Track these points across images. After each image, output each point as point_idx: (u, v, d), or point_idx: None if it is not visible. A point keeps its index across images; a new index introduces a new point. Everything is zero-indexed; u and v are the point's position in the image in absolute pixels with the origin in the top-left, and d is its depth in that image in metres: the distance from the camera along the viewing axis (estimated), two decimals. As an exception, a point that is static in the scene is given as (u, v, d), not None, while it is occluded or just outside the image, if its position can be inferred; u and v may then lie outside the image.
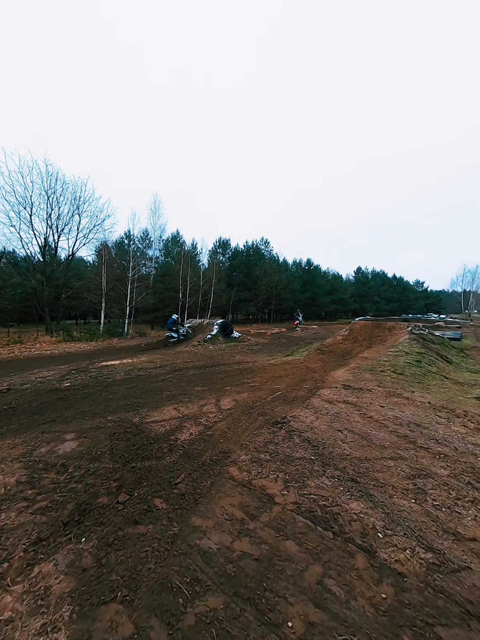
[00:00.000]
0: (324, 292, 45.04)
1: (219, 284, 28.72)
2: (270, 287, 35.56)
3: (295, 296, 40.08)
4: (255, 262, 36.72)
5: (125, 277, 18.75)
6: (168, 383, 5.59)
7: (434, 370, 6.03)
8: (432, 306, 65.48)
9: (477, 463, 2.44)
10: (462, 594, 1.26)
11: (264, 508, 1.89)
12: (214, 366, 7.59)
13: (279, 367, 7.31)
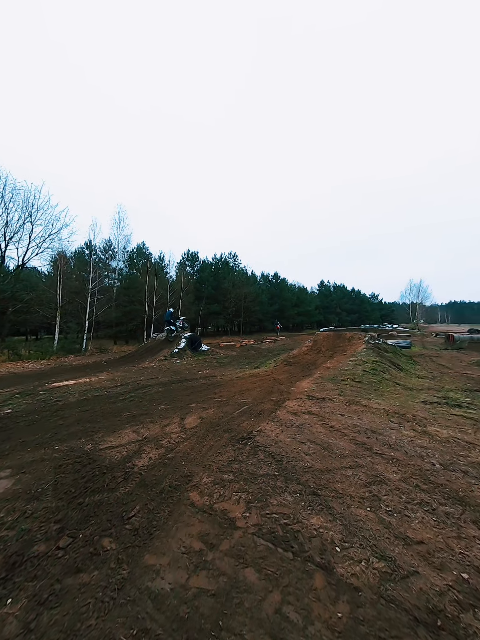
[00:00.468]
0: (291, 304, 46.90)
1: (187, 297, 28.37)
2: (239, 299, 36.05)
3: (264, 308, 41.09)
4: (224, 275, 37.13)
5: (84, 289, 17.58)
6: (129, 403, 5.23)
7: (387, 378, 6.50)
8: (386, 317, 71.78)
9: (423, 465, 2.63)
10: (410, 601, 1.30)
11: (225, 535, 1.80)
12: (180, 382, 7.32)
13: (246, 380, 7.30)
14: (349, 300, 64.01)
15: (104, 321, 21.85)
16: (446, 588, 1.37)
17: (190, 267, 37.55)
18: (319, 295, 61.37)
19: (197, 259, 38.31)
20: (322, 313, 56.80)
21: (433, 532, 1.77)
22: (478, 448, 3.00)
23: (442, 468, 2.59)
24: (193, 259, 37.84)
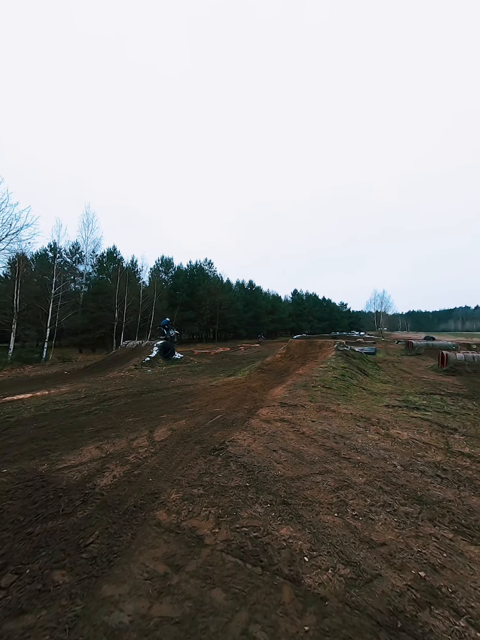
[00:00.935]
0: (266, 311, 47.76)
1: (161, 303, 27.64)
2: (214, 306, 35.91)
3: (239, 316, 41.34)
4: (199, 282, 36.85)
5: (47, 294, 16.34)
6: (93, 416, 4.88)
7: (355, 383, 6.83)
8: (354, 324, 76.05)
9: (386, 467, 2.77)
10: (373, 605, 1.33)
11: (192, 554, 1.71)
12: (150, 392, 7.02)
13: (220, 389, 7.21)
14: (320, 309, 66.86)
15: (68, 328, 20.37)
16: (405, 588, 1.43)
17: (165, 273, 36.80)
18: (292, 303, 63.33)
19: (172, 265, 37.70)
20: (295, 320, 58.56)
21: (394, 533, 1.85)
22: (433, 448, 3.24)
23: (403, 469, 2.75)
24: (167, 265, 37.16)
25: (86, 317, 21.89)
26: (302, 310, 61.98)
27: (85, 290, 24.54)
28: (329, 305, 72.32)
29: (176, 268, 37.96)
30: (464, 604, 1.35)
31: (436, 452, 3.14)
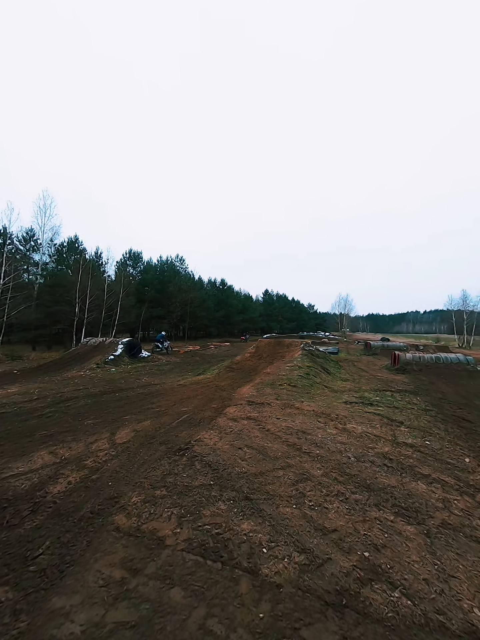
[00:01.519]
0: (237, 311, 48.02)
1: (128, 299, 26.31)
2: (184, 304, 35.15)
3: (210, 314, 41.02)
4: (169, 279, 35.78)
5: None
6: (46, 420, 4.51)
7: (318, 381, 7.21)
8: (320, 325, 79.92)
9: (342, 459, 2.99)
10: (323, 587, 1.45)
11: (152, 556, 1.69)
12: (113, 392, 6.68)
13: (188, 388, 7.12)
14: (289, 310, 69.09)
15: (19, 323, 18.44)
16: (351, 568, 1.57)
17: (133, 267, 35.08)
18: (263, 303, 64.54)
19: (141, 260, 36.07)
20: (266, 320, 59.80)
21: (345, 520, 2.01)
22: (382, 440, 3.56)
23: (356, 460, 2.99)
24: (136, 259, 35.47)
25: (41, 311, 20.00)
26: (272, 310, 63.49)
27: (41, 281, 22.41)
28: (298, 307, 75.09)
29: (145, 263, 36.43)
30: (398, 577, 1.53)
31: (385, 443, 3.46)
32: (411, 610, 1.33)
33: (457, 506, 2.20)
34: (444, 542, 1.80)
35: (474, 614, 1.33)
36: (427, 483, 2.54)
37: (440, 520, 2.02)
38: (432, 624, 1.27)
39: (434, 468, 2.84)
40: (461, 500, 2.28)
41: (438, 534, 1.87)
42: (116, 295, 23.89)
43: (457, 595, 1.43)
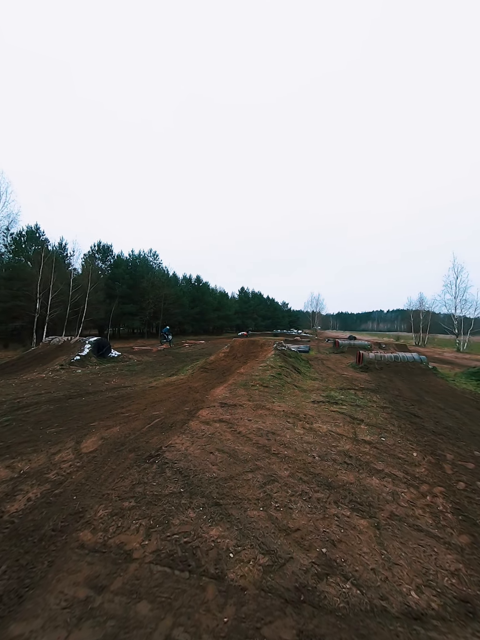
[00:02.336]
0: (212, 308, 47.78)
1: (97, 294, 24.94)
2: (158, 300, 34.18)
3: (185, 311, 40.36)
4: (142, 274, 34.50)
5: None
6: (2, 429, 4.19)
7: (289, 381, 7.50)
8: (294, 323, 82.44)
9: (307, 459, 3.18)
10: (284, 586, 1.57)
11: (118, 571, 1.69)
12: (79, 396, 6.36)
13: (160, 390, 7.00)
14: (264, 307, 70.26)
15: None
16: (310, 565, 1.71)
17: (102, 261, 33.24)
18: (238, 300, 64.89)
19: (111, 253, 34.28)
20: (241, 317, 60.26)
21: (307, 518, 2.17)
22: (345, 438, 3.84)
23: (320, 459, 3.20)
24: (105, 252, 33.63)
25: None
26: (247, 308, 64.10)
27: (-5, 273, 20.39)
28: (273, 305, 76.65)
29: (116, 257, 34.69)
30: (351, 569, 1.70)
31: (346, 441, 3.74)
32: (359, 599, 1.50)
33: (403, 498, 2.47)
34: (390, 532, 2.03)
35: (410, 597, 1.53)
36: (380, 478, 2.81)
37: (389, 512, 2.25)
38: (376, 609, 1.44)
39: (387, 463, 3.14)
40: (407, 492, 2.57)
41: (386, 526, 2.10)
42: (83, 290, 22.52)
43: (399, 580, 1.63)
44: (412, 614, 1.43)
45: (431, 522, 2.17)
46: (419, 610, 1.45)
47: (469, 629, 1.36)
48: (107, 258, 33.76)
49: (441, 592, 1.57)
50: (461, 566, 1.75)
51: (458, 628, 1.37)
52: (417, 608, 1.46)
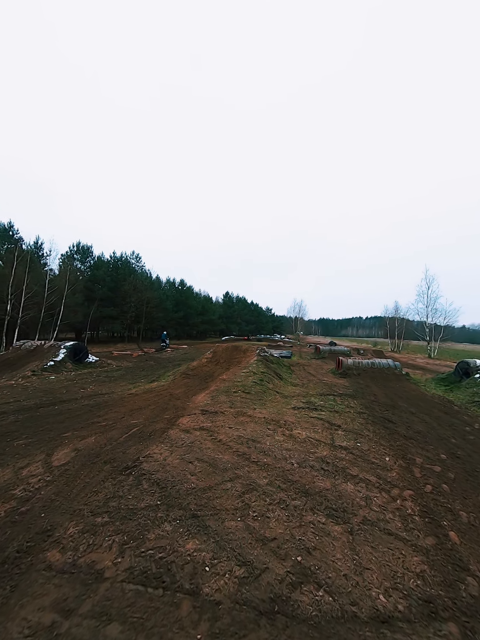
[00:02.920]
0: (196, 312, 47.36)
1: (74, 297, 23.95)
2: (140, 304, 33.40)
3: (168, 315, 39.71)
4: (124, 276, 33.61)
5: None
6: (-36, 443, 3.89)
7: (271, 387, 7.57)
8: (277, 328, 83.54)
9: (286, 466, 3.22)
10: (258, 597, 1.58)
11: (88, 592, 1.62)
12: (52, 405, 6.05)
13: (140, 397, 6.82)
14: (248, 312, 70.65)
15: None
16: (285, 574, 1.73)
17: (81, 262, 32.06)
18: (223, 305, 64.82)
19: (91, 254, 33.17)
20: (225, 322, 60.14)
21: (284, 527, 2.19)
22: (322, 444, 3.93)
23: (298, 466, 3.25)
24: (85, 253, 32.49)
25: (-39, 307, 16.99)
26: (232, 312, 64.15)
27: (-38, 272, 19.04)
28: (257, 310, 77.26)
29: (96, 258, 33.61)
30: (324, 576, 1.74)
31: (324, 447, 3.83)
32: (331, 606, 1.54)
33: (375, 502, 2.57)
34: (363, 537, 2.10)
35: (379, 600, 1.59)
36: (354, 483, 2.90)
37: (361, 517, 2.33)
38: (346, 615, 1.49)
39: (361, 468, 3.25)
40: (379, 497, 2.67)
41: (359, 531, 2.17)
42: (60, 291, 21.53)
43: (369, 585, 1.69)
44: (380, 618, 1.48)
45: (400, 525, 2.27)
46: (387, 613, 1.51)
47: (430, 629, 1.44)
48: (86, 259, 32.59)
49: (407, 594, 1.64)
50: (426, 567, 1.85)
51: (421, 629, 1.44)
52: (385, 611, 1.52)
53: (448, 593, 1.67)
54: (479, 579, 1.79)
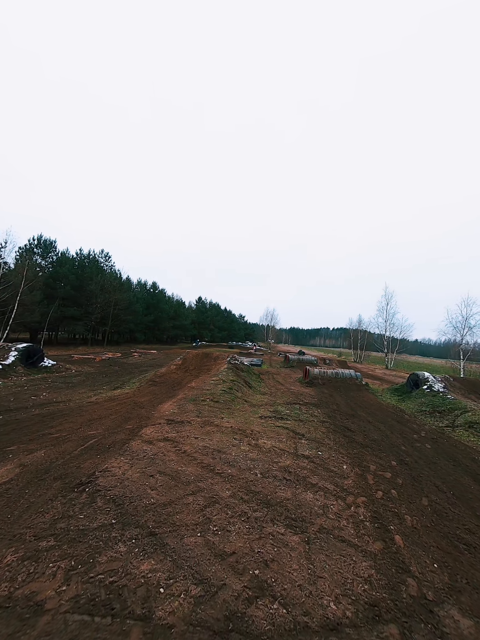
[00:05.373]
0: (168, 316, 46.11)
1: (32, 294, 21.98)
2: (107, 305, 31.69)
3: (138, 318, 38.14)
4: (90, 275, 31.72)
5: None
6: None
7: (239, 395, 7.60)
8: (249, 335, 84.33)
9: (249, 477, 3.24)
10: (213, 616, 1.55)
11: (24, 628, 1.47)
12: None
13: (100, 406, 6.41)
14: (221, 319, 70.50)
15: None
16: (242, 590, 1.73)
17: (42, 257, 29.66)
18: (195, 310, 63.96)
19: (54, 249, 30.86)
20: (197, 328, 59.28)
21: (244, 540, 2.19)
22: (286, 453, 4.03)
23: (262, 477, 3.29)
24: (47, 247, 30.15)
25: None
26: (204, 318, 63.51)
27: None
28: (230, 317, 77.44)
29: (60, 254, 31.35)
30: (280, 588, 1.77)
31: (287, 457, 3.92)
32: (284, 619, 1.57)
33: (332, 510, 2.69)
34: (318, 546, 2.18)
35: (330, 608, 1.65)
36: (313, 492, 3.01)
37: (318, 526, 2.42)
38: (298, 626, 1.52)
39: (321, 477, 3.38)
40: (336, 504, 2.80)
41: (315, 539, 2.25)
42: (15, 288, 19.65)
43: (321, 594, 1.76)
44: (330, 626, 1.54)
45: (353, 532, 2.40)
46: (336, 620, 1.58)
47: (374, 632, 1.53)
48: (48, 254, 30.21)
49: (355, 600, 1.73)
50: (373, 572, 1.97)
51: (366, 633, 1.52)
52: (334, 618, 1.59)
53: (391, 595, 1.79)
54: (418, 580, 1.95)
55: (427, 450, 4.92)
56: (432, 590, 1.89)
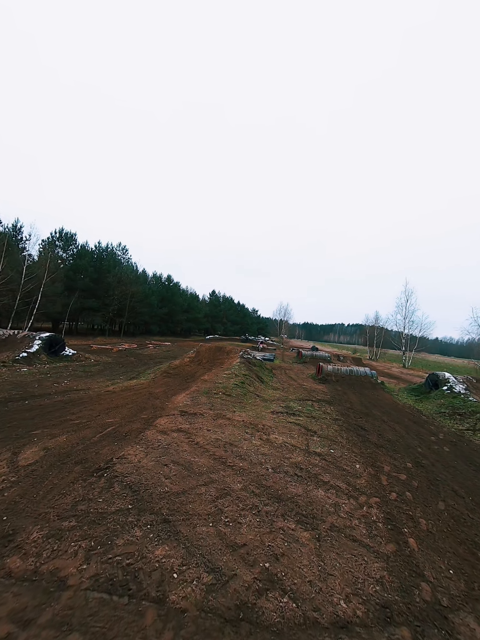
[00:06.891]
0: (182, 309, 46.77)
1: (54, 286, 22.91)
2: (124, 297, 32.52)
3: (152, 311, 38.94)
4: (108, 268, 32.59)
5: None
6: None
7: (251, 390, 7.63)
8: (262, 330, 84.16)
9: (261, 471, 3.27)
10: (225, 605, 1.60)
11: (49, 601, 1.57)
12: (22, 400, 5.76)
13: (118, 395, 6.65)
14: (234, 312, 70.65)
15: None
16: (252, 581, 1.77)
17: (63, 250, 30.72)
18: (209, 304, 64.41)
19: (74, 242, 31.84)
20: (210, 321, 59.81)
21: (254, 533, 2.23)
22: (298, 449, 4.03)
23: (273, 471, 3.31)
24: (68, 240, 31.14)
25: None
26: (218, 312, 63.89)
27: None
28: (243, 311, 77.43)
29: (80, 246, 32.33)
30: (290, 582, 1.79)
31: (299, 453, 3.92)
32: (294, 613, 1.59)
33: (343, 509, 2.67)
34: (329, 544, 2.18)
35: (340, 606, 1.66)
36: (325, 490, 3.00)
37: (329, 524, 2.42)
38: (308, 622, 1.54)
39: (333, 475, 3.36)
40: (347, 503, 2.78)
41: (326, 537, 2.25)
42: (38, 279, 20.54)
43: (331, 591, 1.76)
44: (340, 623, 1.55)
45: (365, 532, 2.38)
46: (346, 618, 1.58)
47: (385, 634, 1.52)
48: (69, 247, 31.25)
49: (366, 600, 1.73)
50: (385, 574, 1.95)
51: (377, 633, 1.52)
52: (344, 617, 1.59)
53: (403, 598, 1.77)
54: (432, 585, 1.91)
55: (445, 453, 4.76)
56: (447, 596, 1.85)
